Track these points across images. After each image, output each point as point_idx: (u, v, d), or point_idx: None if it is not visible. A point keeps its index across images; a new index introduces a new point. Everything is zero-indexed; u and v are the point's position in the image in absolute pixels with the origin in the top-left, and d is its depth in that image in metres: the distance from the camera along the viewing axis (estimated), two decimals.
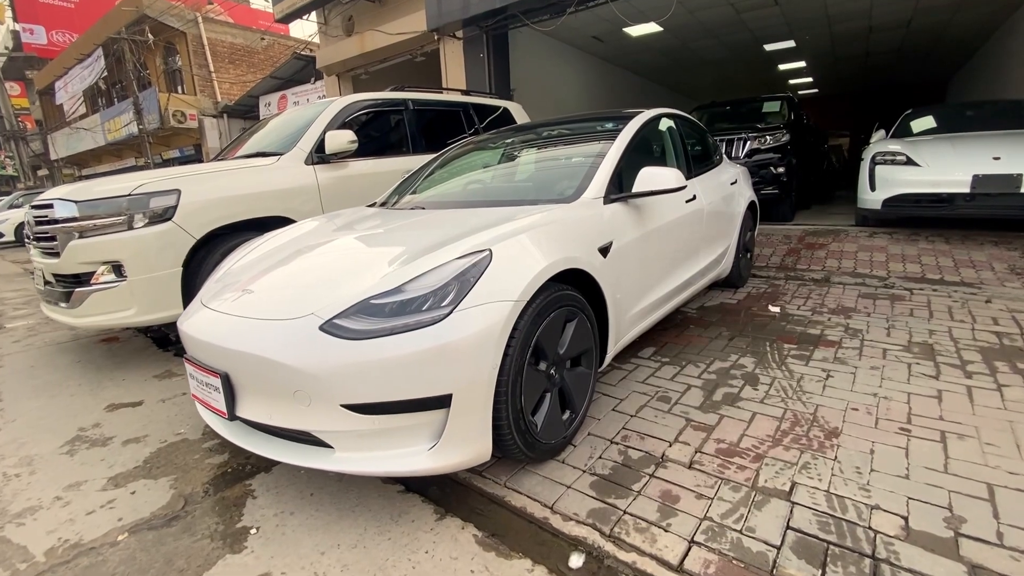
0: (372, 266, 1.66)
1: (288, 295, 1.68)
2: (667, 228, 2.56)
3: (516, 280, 1.58)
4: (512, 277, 1.58)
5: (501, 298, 1.52)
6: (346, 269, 1.73)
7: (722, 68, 12.49)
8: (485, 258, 1.57)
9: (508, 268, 1.60)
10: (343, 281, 1.64)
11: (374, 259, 1.72)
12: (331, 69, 9.22)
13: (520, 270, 1.61)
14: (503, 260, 1.60)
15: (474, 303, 1.48)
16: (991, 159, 4.26)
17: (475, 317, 1.47)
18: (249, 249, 2.29)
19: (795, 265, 4.63)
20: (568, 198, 2.15)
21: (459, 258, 1.57)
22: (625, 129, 2.57)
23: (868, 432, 1.90)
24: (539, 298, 1.65)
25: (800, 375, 2.40)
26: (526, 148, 2.86)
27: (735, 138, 6.02)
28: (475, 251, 1.59)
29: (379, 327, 1.44)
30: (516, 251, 1.67)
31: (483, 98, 5.61)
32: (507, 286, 1.56)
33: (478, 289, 1.51)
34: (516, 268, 1.61)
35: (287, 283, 1.77)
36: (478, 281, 1.52)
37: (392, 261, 1.66)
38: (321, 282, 1.70)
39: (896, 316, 3.20)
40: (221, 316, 1.69)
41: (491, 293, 1.52)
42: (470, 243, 1.64)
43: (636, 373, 2.53)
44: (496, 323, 1.49)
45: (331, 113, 3.85)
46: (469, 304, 1.48)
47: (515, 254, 1.65)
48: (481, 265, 1.56)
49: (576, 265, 1.83)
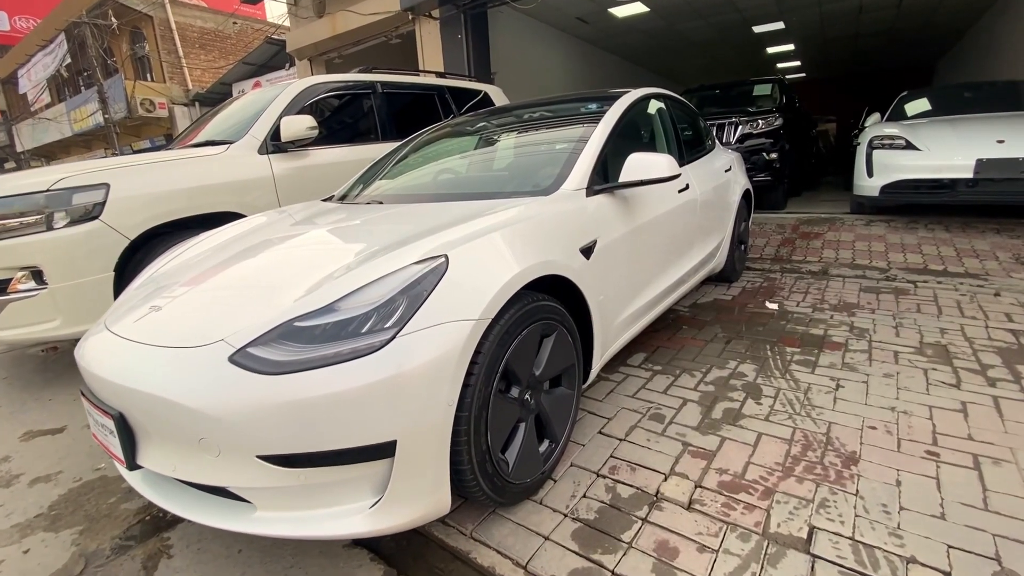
0: (303, 277, 1.36)
1: (199, 315, 1.37)
2: (658, 222, 2.28)
3: (479, 293, 1.29)
4: (474, 289, 1.29)
5: (459, 316, 1.23)
6: (271, 281, 1.43)
7: (710, 51, 12.19)
8: (440, 266, 1.28)
9: (469, 278, 1.31)
10: (265, 297, 1.33)
11: (307, 268, 1.41)
12: (302, 53, 8.75)
13: (484, 280, 1.32)
14: (463, 268, 1.31)
15: (425, 324, 1.19)
16: (995, 142, 4.04)
17: (426, 342, 1.18)
18: (175, 254, 1.97)
19: (791, 256, 4.39)
20: (545, 190, 1.86)
21: (408, 267, 1.27)
22: (610, 111, 2.28)
23: (891, 457, 1.65)
24: (509, 312, 1.37)
25: (807, 385, 2.15)
26: (499, 134, 2.55)
27: (726, 122, 5.75)
28: (428, 257, 1.30)
29: (304, 357, 1.15)
30: (480, 256, 1.37)
31: (461, 81, 5.26)
32: (467, 300, 1.27)
33: (431, 306, 1.21)
34: (479, 277, 1.32)
35: (201, 299, 1.45)
36: (430, 295, 1.23)
37: (327, 270, 1.35)
38: (240, 298, 1.39)
39: (903, 313, 2.97)
40: (119, 343, 1.38)
41: (447, 310, 1.23)
42: (423, 247, 1.34)
43: (625, 385, 2.27)
44: (453, 349, 1.20)
45: (288, 97, 3.50)
46: (419, 325, 1.18)
47: (478, 260, 1.36)
48: (435, 275, 1.26)
49: (554, 271, 1.55)
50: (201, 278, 1.58)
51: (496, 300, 1.31)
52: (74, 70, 18.55)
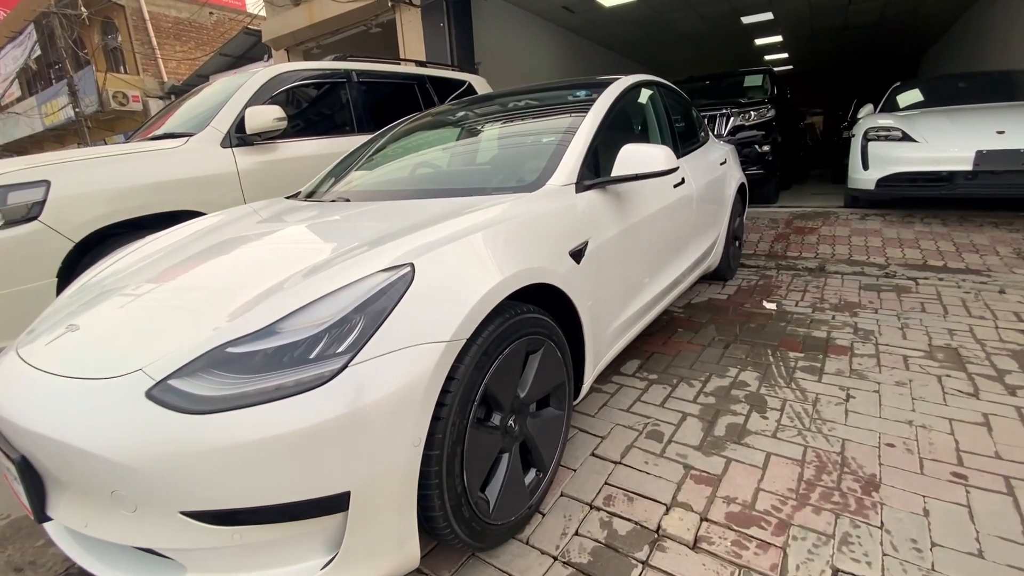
0: (243, 291, 1.15)
1: (120, 337, 1.15)
2: (653, 220, 2.10)
3: (452, 308, 1.10)
4: (446, 304, 1.10)
5: (428, 337, 1.04)
6: (207, 295, 1.21)
7: (698, 43, 12.04)
8: (404, 277, 1.08)
9: (440, 290, 1.11)
10: (195, 315, 1.12)
11: (250, 279, 1.20)
12: (279, 43, 8.41)
13: (457, 293, 1.13)
14: (433, 279, 1.11)
15: (386, 348, 0.99)
16: (995, 133, 3.92)
17: (386, 371, 0.98)
18: (113, 259, 1.74)
19: (785, 252, 4.25)
20: (530, 186, 1.66)
21: (365, 278, 1.07)
22: (600, 99, 2.08)
23: (914, 481, 1.49)
24: (488, 329, 1.17)
25: (815, 396, 1.99)
26: (481, 124, 2.34)
27: (717, 114, 5.59)
28: (390, 267, 1.10)
29: (237, 392, 0.94)
30: (453, 264, 1.17)
31: (444, 71, 5.03)
32: (438, 318, 1.07)
33: (393, 325, 1.02)
34: (452, 290, 1.13)
35: (125, 316, 1.24)
36: (392, 313, 1.03)
37: (271, 282, 1.14)
38: (168, 316, 1.18)
39: (907, 313, 2.83)
40: (23, 371, 1.16)
41: (413, 331, 1.03)
42: (385, 254, 1.14)
43: (619, 396, 2.09)
44: (420, 377, 1.01)
45: (254, 86, 3.24)
46: (378, 350, 0.99)
47: (451, 269, 1.16)
48: (398, 288, 1.06)
49: (541, 279, 1.35)
50: (130, 290, 1.36)
51: (472, 316, 1.12)
52: (44, 63, 17.88)
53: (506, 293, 1.22)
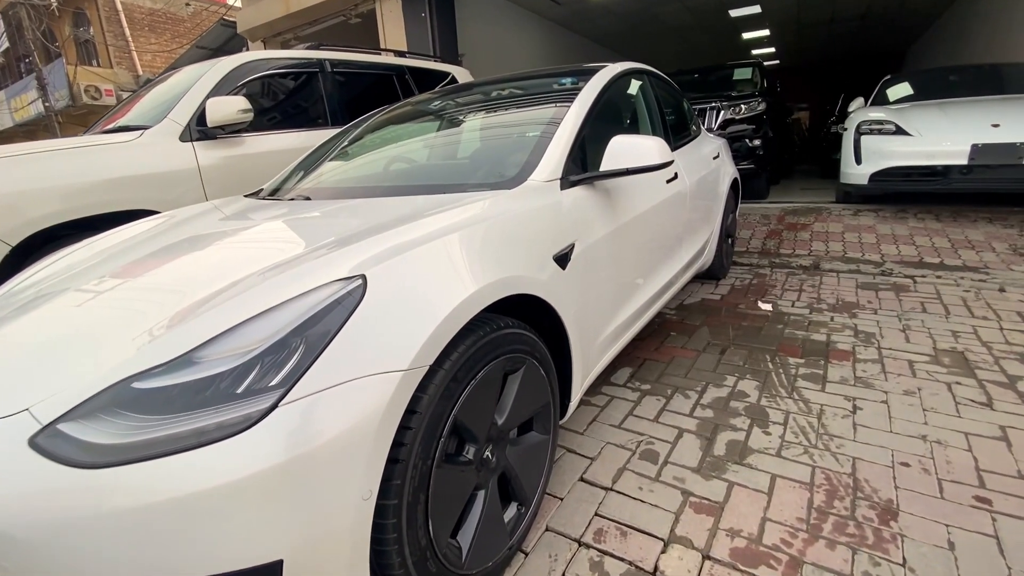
0: (162, 310, 0.96)
1: (12, 367, 0.96)
2: (646, 218, 1.94)
3: (411, 330, 0.92)
4: (404, 324, 0.92)
5: (380, 367, 0.86)
6: (121, 315, 1.02)
7: (685, 36, 11.92)
8: (354, 292, 0.90)
9: (398, 307, 0.93)
10: (101, 341, 0.93)
11: (174, 295, 1.02)
12: (255, 34, 8.11)
13: (419, 310, 0.95)
14: (390, 293, 0.93)
15: (328, 380, 0.82)
16: (990, 126, 3.83)
17: (329, 408, 0.81)
18: (38, 268, 1.54)
19: (778, 249, 4.13)
20: (509, 182, 1.49)
21: (306, 294, 0.89)
22: (587, 87, 1.91)
23: (935, 507, 1.35)
24: (458, 350, 1.00)
25: (819, 407, 1.85)
26: (458, 115, 2.15)
27: (707, 108, 5.45)
28: (337, 279, 0.92)
29: (144, 439, 0.76)
30: (416, 275, 1.00)
31: (425, 62, 4.82)
32: (395, 341, 0.90)
33: (338, 351, 0.84)
34: (413, 307, 0.95)
35: (23, 340, 1.04)
36: (337, 336, 0.85)
37: (196, 298, 0.96)
38: (72, 341, 0.98)
39: (908, 313, 2.71)
40: None
41: (363, 358, 0.85)
42: (333, 264, 0.96)
43: (610, 410, 1.93)
44: (371, 415, 0.84)
45: (217, 75, 3.02)
46: (319, 383, 0.81)
47: (413, 280, 0.98)
48: (345, 305, 0.88)
49: (521, 290, 1.18)
50: (39, 305, 1.16)
51: (437, 338, 0.94)
52: (13, 55, 17.25)
53: (479, 308, 1.05)
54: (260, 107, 3.27)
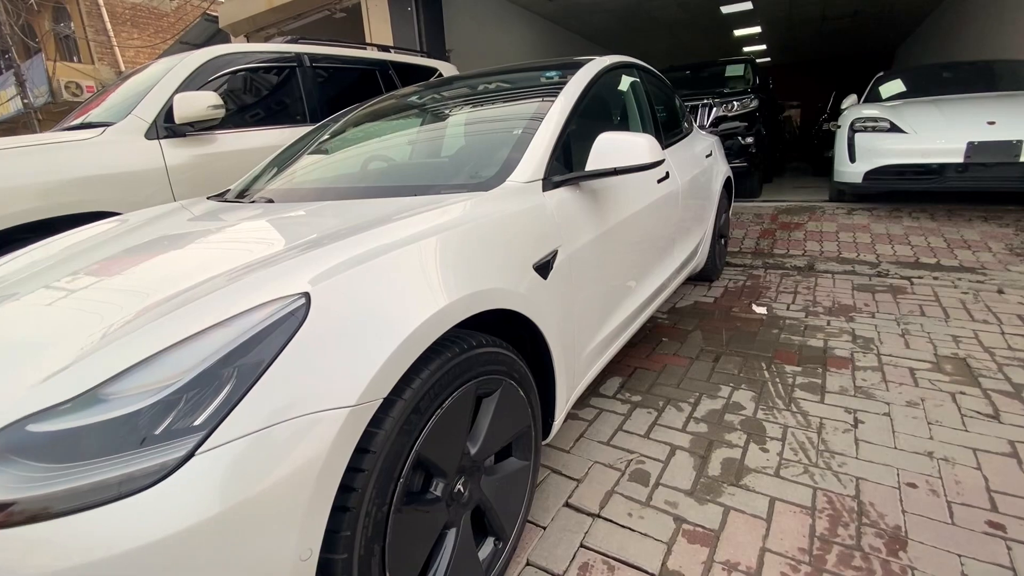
0: (73, 335, 0.83)
1: None
2: (635, 220, 1.82)
3: (362, 357, 0.80)
4: (353, 351, 0.79)
5: (322, 403, 0.74)
6: (30, 341, 0.89)
7: (676, 33, 11.84)
8: (294, 314, 0.77)
9: (347, 331, 0.81)
10: (5, 372, 0.80)
11: (91, 317, 0.88)
12: (238, 29, 7.91)
13: (373, 333, 0.82)
14: (337, 315, 0.81)
15: (258, 422, 0.69)
16: (985, 124, 3.76)
17: (259, 456, 0.68)
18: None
19: (772, 250, 4.04)
20: (486, 183, 1.37)
21: (237, 317, 0.76)
22: (572, 81, 1.79)
23: (946, 534, 1.25)
24: (420, 376, 0.88)
25: (819, 421, 1.75)
26: (435, 111, 2.02)
27: (699, 104, 5.36)
28: (275, 299, 0.79)
29: (36, 495, 0.64)
30: (369, 292, 0.87)
31: (411, 57, 4.68)
32: (340, 372, 0.77)
33: (271, 387, 0.71)
34: (365, 330, 0.82)
35: None
36: (271, 367, 0.72)
37: (112, 321, 0.83)
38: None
39: (906, 317, 2.62)
40: None
41: (301, 393, 0.73)
42: (274, 280, 0.83)
43: (598, 425, 1.82)
44: (309, 462, 0.71)
45: (187, 69, 2.87)
46: (246, 425, 0.69)
47: (366, 299, 0.86)
48: (283, 330, 0.76)
49: (495, 304, 1.07)
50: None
51: (395, 364, 0.82)
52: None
53: (447, 327, 0.93)
54: (234, 103, 3.13)
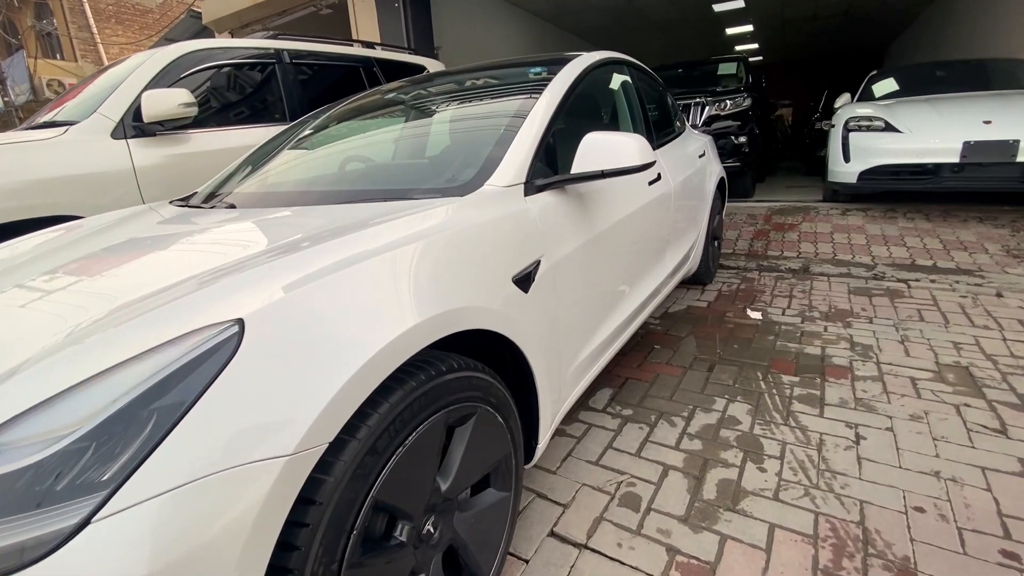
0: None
1: None
2: (625, 225, 1.72)
3: (303, 394, 0.68)
4: (293, 387, 0.68)
5: (252, 452, 0.63)
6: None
7: (669, 31, 11.77)
8: (223, 346, 0.66)
9: (286, 363, 0.69)
10: None
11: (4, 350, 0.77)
12: (221, 25, 7.73)
13: (318, 365, 0.71)
14: (276, 345, 0.69)
15: (176, 477, 0.59)
16: (981, 123, 3.70)
17: (170, 519, 0.57)
18: None
19: (766, 251, 3.96)
20: (463, 187, 1.26)
21: (154, 351, 0.65)
22: (558, 77, 1.69)
23: (958, 566, 1.16)
24: (378, 412, 0.77)
25: (819, 437, 1.66)
26: (412, 111, 1.91)
27: (691, 103, 5.27)
28: (203, 327, 0.68)
29: None
30: (316, 316, 0.75)
31: (397, 54, 4.55)
32: (275, 415, 0.66)
33: (189, 434, 0.60)
34: (309, 361, 0.71)
35: None
36: (192, 410, 0.61)
37: (19, 356, 0.71)
38: None
39: (904, 322, 2.54)
40: None
41: (226, 441, 0.62)
42: (201, 305, 0.72)
43: (587, 442, 1.72)
44: (233, 525, 0.61)
45: (157, 65, 2.74)
46: (156, 483, 0.58)
47: (311, 325, 0.74)
48: (210, 364, 0.65)
49: (468, 325, 0.96)
50: None
51: (344, 401, 0.72)
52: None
53: (409, 354, 0.83)
54: (209, 101, 3.01)
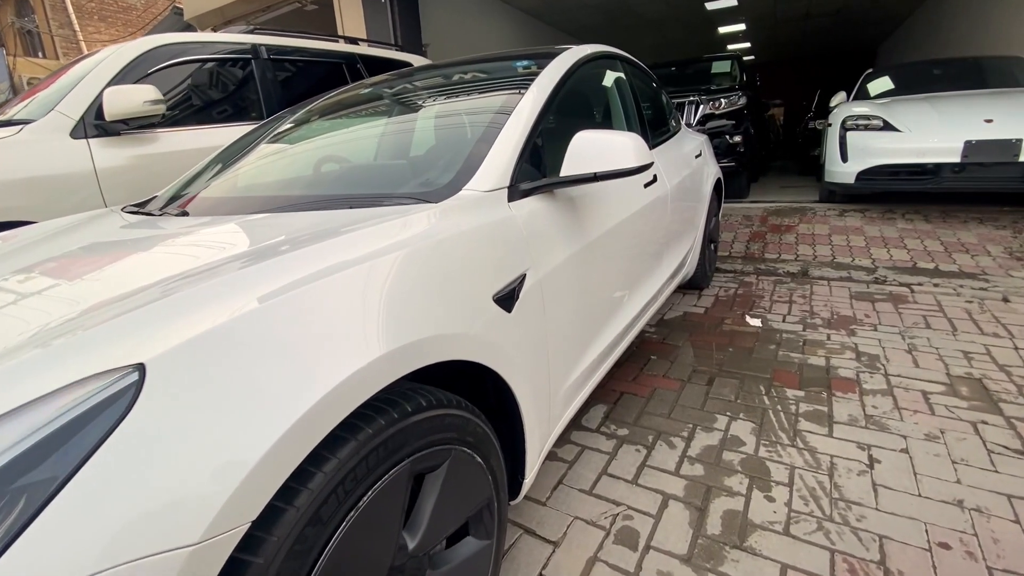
0: None
1: None
2: (620, 231, 1.59)
3: (219, 460, 0.54)
4: (205, 452, 0.54)
5: (147, 547, 0.49)
6: None
7: (661, 30, 11.68)
8: (116, 398, 0.52)
9: (198, 419, 0.55)
10: None
11: None
12: (204, 21, 7.53)
13: (242, 418, 0.57)
14: (183, 395, 0.55)
15: (47, 574, 0.44)
16: (982, 122, 3.61)
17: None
18: None
19: (763, 254, 3.85)
20: (438, 192, 1.12)
21: (24, 408, 0.51)
22: (546, 72, 1.55)
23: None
24: (323, 472, 0.64)
25: (829, 460, 1.54)
26: (388, 108, 1.76)
27: (685, 102, 5.16)
28: (90, 376, 0.53)
29: None
30: (246, 353, 0.61)
31: (382, 50, 4.40)
32: (178, 492, 0.52)
33: (63, 517, 0.46)
34: (227, 414, 0.56)
35: None
36: (67, 485, 0.47)
37: None
38: None
39: (910, 329, 2.44)
40: None
41: (110, 527, 0.48)
42: (98, 345, 0.57)
43: (579, 468, 1.59)
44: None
45: (121, 61, 2.58)
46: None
47: (237, 365, 0.59)
48: (96, 425, 0.50)
49: (437, 357, 0.82)
50: None
51: (274, 464, 0.57)
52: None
53: (360, 400, 0.69)
54: (180, 98, 2.85)
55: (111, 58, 2.56)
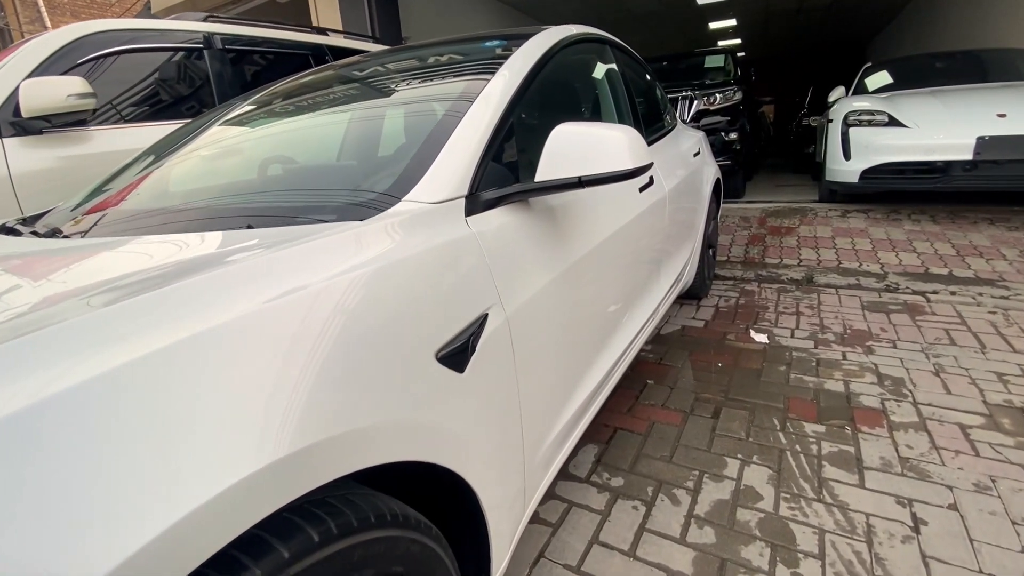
0: None
1: None
2: (612, 245, 1.32)
3: None
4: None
5: None
6: None
7: (651, 25, 11.44)
8: None
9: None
10: None
11: None
12: (172, 14, 7.16)
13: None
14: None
15: None
16: (995, 117, 3.38)
17: None
18: None
19: (764, 259, 3.61)
20: (367, 206, 0.84)
21: None
22: (519, 54, 1.27)
23: None
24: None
25: (865, 520, 1.28)
26: (331, 99, 1.46)
27: (678, 97, 4.91)
28: None
29: None
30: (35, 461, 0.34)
31: (355, 41, 4.10)
32: None
33: None
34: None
35: None
36: None
37: None
38: None
39: (933, 346, 2.19)
40: None
41: None
42: None
43: (565, 533, 1.32)
44: None
45: (44, 50, 2.26)
46: None
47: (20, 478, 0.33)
48: None
49: (338, 470, 0.54)
50: None
51: None
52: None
53: (214, 549, 0.41)
54: (119, 93, 2.54)
55: (32, 46, 2.24)
